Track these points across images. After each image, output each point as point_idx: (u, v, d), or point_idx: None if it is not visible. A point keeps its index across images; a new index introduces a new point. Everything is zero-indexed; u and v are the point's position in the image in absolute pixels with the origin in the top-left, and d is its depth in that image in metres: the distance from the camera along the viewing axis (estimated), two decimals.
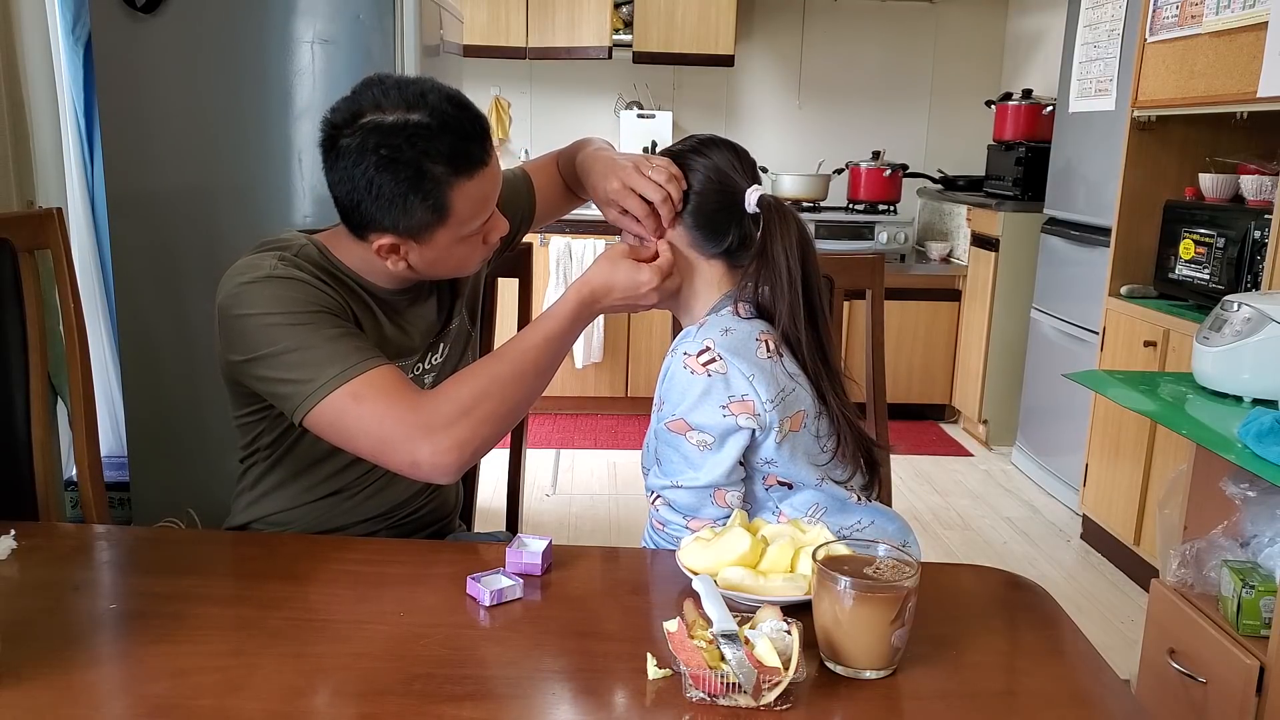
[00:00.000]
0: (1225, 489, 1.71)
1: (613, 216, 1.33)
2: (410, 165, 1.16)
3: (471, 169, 1.20)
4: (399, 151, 1.16)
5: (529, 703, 0.89)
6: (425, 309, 1.38)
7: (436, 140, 1.17)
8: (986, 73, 4.85)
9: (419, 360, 1.37)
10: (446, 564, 1.16)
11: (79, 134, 2.74)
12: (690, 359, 1.21)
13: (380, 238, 1.22)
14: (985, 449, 4.17)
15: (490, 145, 1.23)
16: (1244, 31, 2.37)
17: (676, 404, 1.22)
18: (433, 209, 1.19)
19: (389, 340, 1.31)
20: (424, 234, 1.22)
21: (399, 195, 1.18)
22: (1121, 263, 3.02)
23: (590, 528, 3.24)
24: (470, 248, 1.28)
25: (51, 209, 1.54)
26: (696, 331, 1.24)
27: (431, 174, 1.17)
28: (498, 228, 1.29)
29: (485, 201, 1.24)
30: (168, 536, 1.25)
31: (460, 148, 1.19)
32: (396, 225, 1.20)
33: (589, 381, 4.37)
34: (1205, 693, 1.70)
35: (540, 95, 4.83)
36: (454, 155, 1.18)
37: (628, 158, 1.35)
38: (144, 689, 0.90)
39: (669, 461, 1.25)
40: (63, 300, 1.52)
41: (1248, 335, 1.76)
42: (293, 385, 1.16)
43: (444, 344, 1.40)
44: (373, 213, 1.20)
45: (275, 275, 1.20)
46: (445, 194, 1.19)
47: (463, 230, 1.23)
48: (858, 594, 0.91)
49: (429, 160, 1.17)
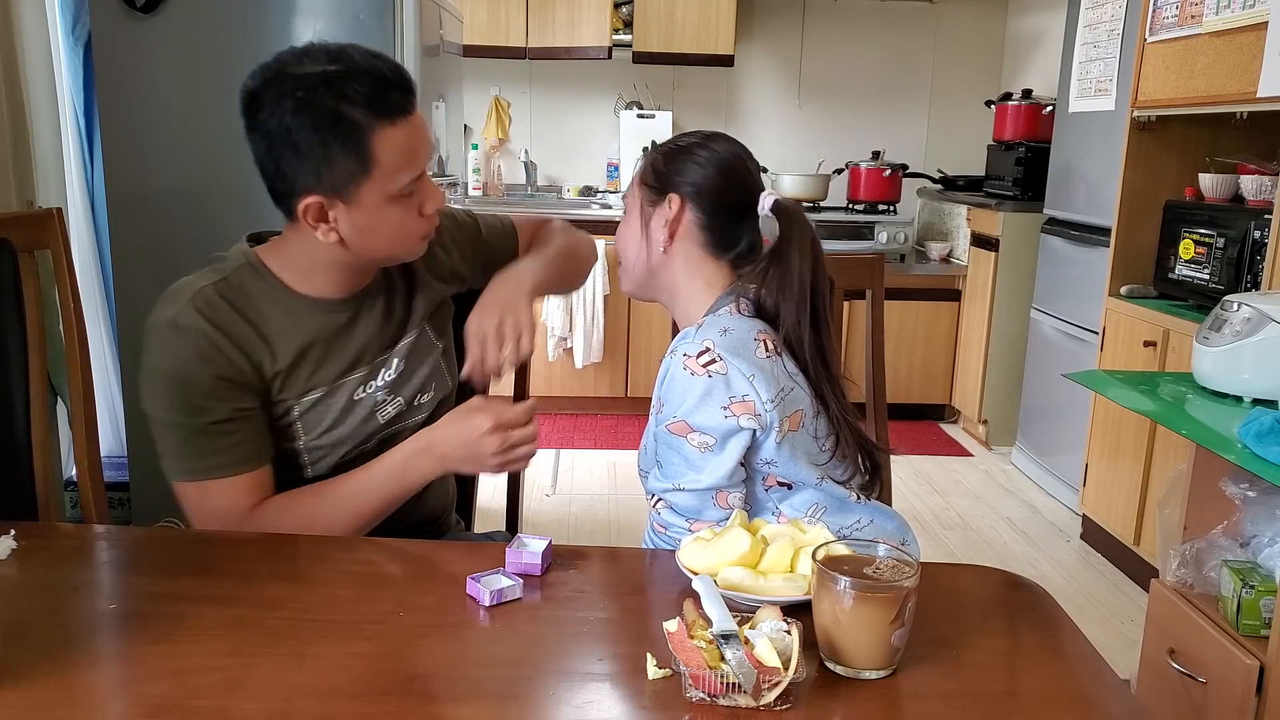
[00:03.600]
0: (1225, 489, 1.71)
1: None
2: (328, 111, 1.14)
3: (393, 115, 1.17)
4: (315, 95, 1.14)
5: (529, 703, 0.89)
6: (369, 320, 1.32)
7: (354, 84, 1.15)
8: (986, 73, 4.85)
9: (366, 377, 1.32)
10: (446, 564, 1.16)
11: (79, 134, 2.74)
12: (690, 360, 1.20)
13: (305, 199, 1.18)
14: (985, 449, 4.17)
15: (414, 100, 1.20)
16: (1244, 31, 2.37)
17: (677, 406, 1.21)
18: (355, 157, 1.16)
19: (326, 358, 1.29)
20: (349, 189, 1.18)
21: (318, 143, 1.15)
22: (1121, 263, 3.02)
23: (590, 528, 3.24)
24: (404, 213, 1.22)
25: (51, 209, 1.54)
26: (695, 333, 1.23)
27: (350, 118, 1.14)
28: (433, 197, 1.25)
29: (412, 154, 1.20)
30: (168, 536, 1.25)
31: (380, 91, 1.16)
32: (320, 179, 1.17)
33: (589, 381, 4.37)
34: (1205, 693, 1.70)
35: (540, 95, 4.83)
36: (373, 99, 1.15)
37: (501, 304, 1.34)
38: (143, 689, 0.90)
39: (670, 464, 1.24)
40: (63, 300, 1.52)
41: (1248, 335, 1.76)
42: (161, 451, 1.26)
43: (397, 359, 1.34)
44: (294, 170, 1.17)
45: (178, 325, 1.21)
46: (367, 140, 1.15)
47: (390, 186, 1.19)
48: (858, 594, 0.91)
49: (347, 104, 1.14)
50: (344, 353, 1.31)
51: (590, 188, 4.84)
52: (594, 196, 4.75)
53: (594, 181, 4.88)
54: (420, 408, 1.38)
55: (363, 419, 1.32)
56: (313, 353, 1.28)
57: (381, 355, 1.34)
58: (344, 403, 1.31)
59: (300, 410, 1.29)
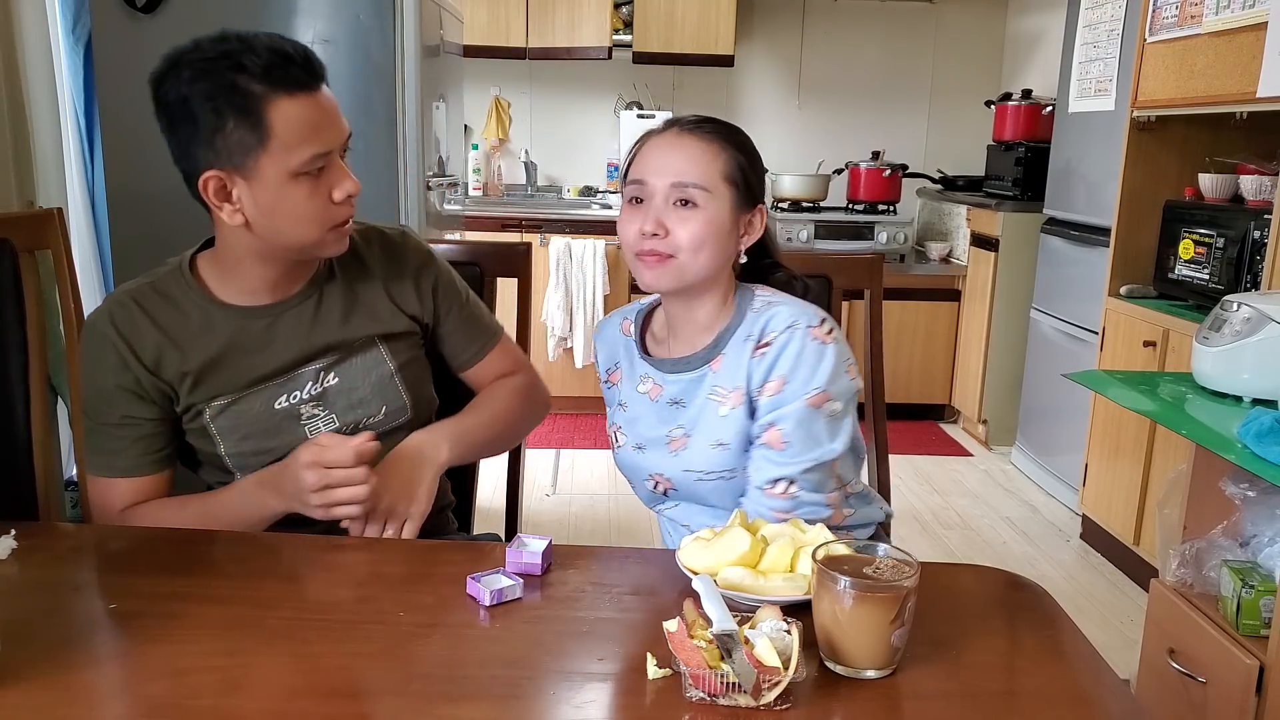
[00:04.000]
0: (1225, 489, 1.71)
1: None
2: (224, 81, 1.15)
3: (291, 86, 1.16)
4: (213, 66, 1.15)
5: (529, 703, 0.89)
6: (292, 328, 1.30)
7: (251, 56, 1.15)
8: (986, 73, 4.85)
9: (287, 387, 1.30)
10: (446, 564, 1.16)
11: (79, 134, 2.74)
12: (815, 330, 1.23)
13: (205, 174, 1.18)
14: (985, 449, 4.17)
15: (319, 79, 1.20)
16: (1244, 31, 2.37)
17: (810, 379, 1.22)
18: (249, 127, 1.15)
19: (238, 364, 1.28)
20: (246, 162, 1.17)
21: (212, 111, 1.15)
22: (1121, 263, 3.02)
23: (590, 528, 3.24)
24: (309, 195, 1.20)
25: (51, 209, 1.54)
26: (791, 308, 1.25)
27: (244, 88, 1.15)
28: (343, 183, 1.22)
29: (314, 129, 1.18)
30: (168, 536, 1.25)
31: (277, 63, 1.16)
32: (217, 152, 1.17)
33: (589, 381, 4.36)
34: (1205, 693, 1.70)
35: (540, 95, 4.83)
36: (270, 69, 1.15)
37: (400, 484, 1.26)
38: (143, 689, 0.90)
39: (799, 442, 1.23)
40: (63, 300, 1.53)
41: (1247, 335, 1.76)
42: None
43: (326, 372, 1.32)
44: (194, 146, 1.17)
45: (91, 329, 1.27)
46: (261, 109, 1.15)
47: (290, 160, 1.17)
48: (858, 594, 0.91)
49: (244, 76, 1.15)
50: (258, 359, 1.29)
51: (590, 188, 4.84)
52: (594, 196, 4.75)
53: (594, 181, 4.88)
54: (368, 430, 1.32)
55: (285, 430, 1.30)
56: (226, 359, 1.28)
57: (305, 366, 1.31)
58: (262, 411, 1.30)
59: (211, 414, 1.29)
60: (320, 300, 1.33)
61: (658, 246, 1.23)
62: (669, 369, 1.32)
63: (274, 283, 1.29)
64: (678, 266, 1.24)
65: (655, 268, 1.24)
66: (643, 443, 1.33)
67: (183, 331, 1.28)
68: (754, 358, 1.25)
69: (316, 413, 1.32)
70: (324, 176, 1.21)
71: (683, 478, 1.29)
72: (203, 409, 1.29)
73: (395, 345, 1.36)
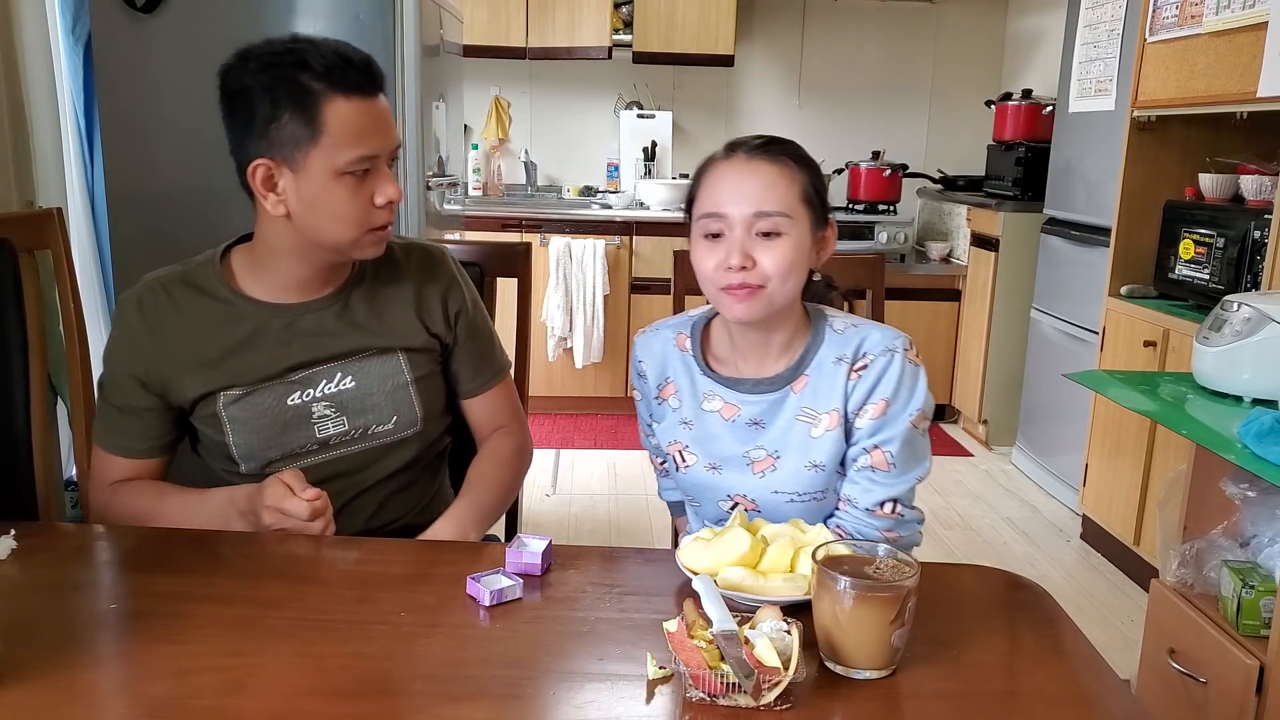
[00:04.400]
0: (1225, 489, 1.71)
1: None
2: (286, 76, 1.19)
3: (349, 89, 1.20)
4: (277, 60, 1.20)
5: (529, 703, 0.89)
6: (313, 328, 1.32)
7: (315, 56, 1.19)
8: (986, 73, 4.85)
9: (301, 384, 1.32)
10: (446, 564, 1.16)
11: (79, 134, 2.73)
12: (910, 353, 1.26)
13: (256, 163, 1.22)
14: (985, 449, 4.17)
15: (376, 86, 1.24)
16: (1244, 31, 2.37)
17: (910, 399, 1.25)
18: (304, 121, 1.19)
19: (255, 358, 1.30)
20: (296, 155, 1.20)
21: (270, 102, 1.19)
22: (1121, 263, 3.02)
23: (590, 528, 3.24)
24: (352, 195, 1.23)
25: (51, 209, 1.55)
26: (881, 331, 1.28)
27: (304, 84, 1.19)
28: (386, 189, 1.25)
29: (364, 133, 1.22)
30: (168, 536, 1.25)
31: (340, 64, 1.20)
32: (270, 142, 1.21)
33: (589, 381, 4.37)
34: (1205, 693, 1.70)
35: (540, 95, 4.83)
36: (331, 69, 1.19)
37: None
38: (144, 689, 0.90)
39: (903, 462, 1.26)
40: (63, 300, 1.53)
41: (1248, 335, 1.76)
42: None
43: (345, 374, 1.34)
44: (249, 134, 1.22)
45: (119, 313, 1.33)
46: (317, 106, 1.19)
47: (338, 158, 1.21)
48: (858, 594, 0.91)
49: (303, 72, 1.19)
50: (276, 355, 1.31)
51: (590, 188, 4.84)
52: (594, 196, 4.75)
53: (594, 181, 4.88)
54: (375, 436, 1.36)
55: (295, 427, 1.32)
56: (244, 351, 1.31)
57: (319, 365, 1.33)
58: (274, 405, 1.32)
59: (224, 403, 1.31)
60: (347, 305, 1.35)
61: (748, 279, 1.20)
62: (747, 390, 1.30)
63: (304, 282, 1.32)
64: (767, 297, 1.22)
65: (745, 300, 1.21)
66: (718, 463, 1.30)
67: (206, 320, 1.31)
68: (851, 380, 1.25)
69: (328, 413, 1.33)
70: (368, 180, 1.24)
71: (771, 499, 1.27)
72: (217, 396, 1.31)
73: (415, 358, 1.38)
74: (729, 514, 1.30)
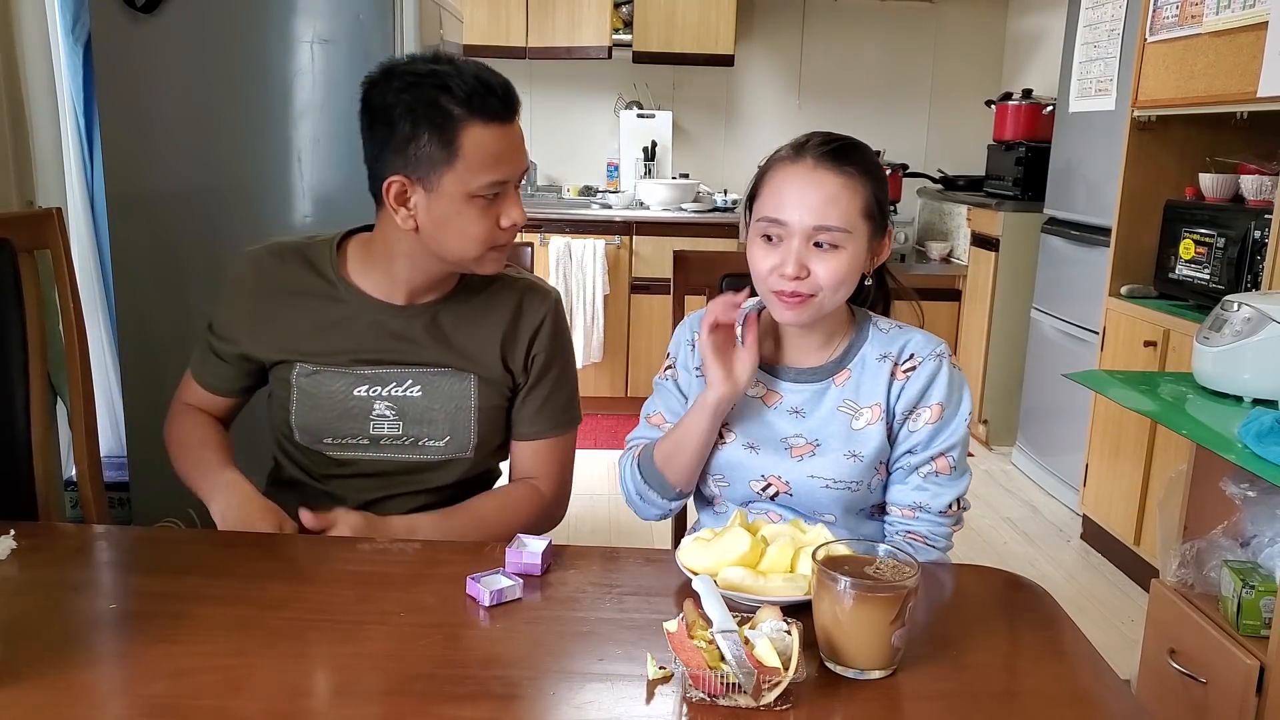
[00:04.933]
0: (1225, 489, 1.71)
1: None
2: (427, 98, 1.22)
3: (488, 115, 1.23)
4: (421, 82, 1.22)
5: (529, 703, 0.89)
6: (400, 330, 1.36)
7: (457, 80, 1.22)
8: (986, 73, 4.85)
9: (369, 380, 1.35)
10: (446, 564, 1.16)
11: (79, 134, 2.74)
12: (952, 357, 1.30)
13: (391, 178, 1.25)
14: (985, 449, 4.17)
15: (514, 114, 1.27)
16: (1244, 31, 2.37)
17: (960, 403, 1.29)
18: (442, 144, 1.22)
19: (335, 340, 1.35)
20: (431, 174, 1.23)
21: (411, 123, 1.22)
22: (1122, 263, 3.02)
23: (590, 528, 3.24)
24: (480, 216, 1.26)
25: (51, 209, 1.54)
26: (923, 334, 1.31)
27: (445, 107, 1.22)
28: (512, 212, 1.29)
29: (498, 159, 1.24)
30: (168, 536, 1.25)
31: (480, 91, 1.23)
32: (406, 161, 1.23)
33: (589, 382, 4.36)
34: (1205, 693, 1.70)
35: (540, 95, 4.83)
36: (472, 95, 1.22)
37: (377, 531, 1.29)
38: (144, 689, 0.90)
39: (960, 463, 1.30)
40: (63, 300, 1.52)
41: (1248, 335, 1.76)
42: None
43: (414, 382, 1.36)
44: (387, 151, 1.24)
45: (236, 266, 1.40)
46: (456, 129, 1.22)
47: (471, 181, 1.23)
48: (858, 594, 0.91)
49: (446, 96, 1.22)
50: (355, 344, 1.35)
51: (590, 188, 4.83)
52: (594, 196, 4.75)
53: (594, 181, 4.88)
54: (425, 449, 1.38)
55: (352, 417, 1.36)
56: (329, 332, 1.35)
57: (393, 367, 1.36)
58: (340, 390, 1.36)
59: (298, 375, 1.36)
60: (436, 318, 1.37)
61: (800, 289, 1.22)
62: (790, 378, 1.33)
63: (410, 287, 1.35)
64: (817, 305, 1.24)
65: (796, 308, 1.24)
66: (756, 444, 1.32)
67: (307, 294, 1.36)
68: (898, 378, 1.29)
69: (387, 414, 1.36)
70: (497, 202, 1.27)
71: (807, 484, 1.29)
72: (293, 365, 1.36)
73: (486, 387, 1.39)
74: (759, 495, 1.32)
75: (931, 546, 1.28)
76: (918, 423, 1.28)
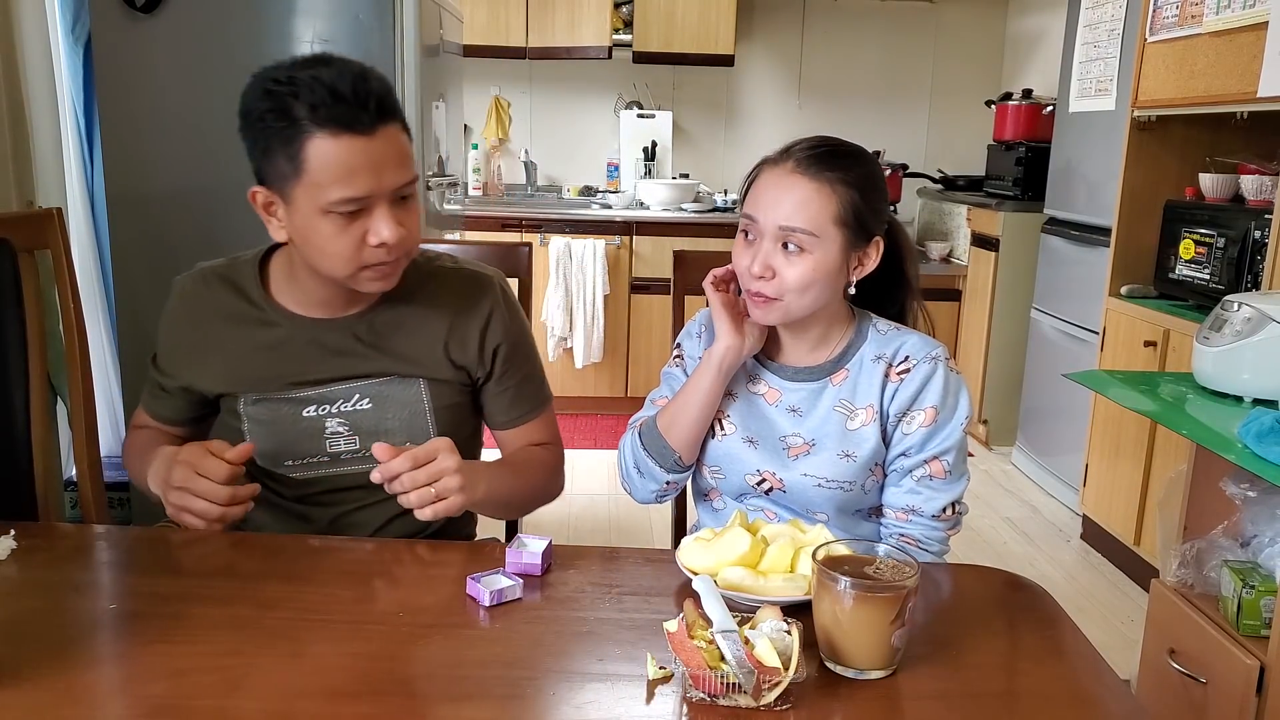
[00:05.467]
0: (1225, 489, 1.71)
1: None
2: (279, 104, 1.14)
3: (337, 127, 1.13)
4: (274, 91, 1.15)
5: (529, 703, 0.89)
6: (339, 343, 1.31)
7: (311, 88, 1.13)
8: (986, 73, 4.85)
9: (321, 400, 1.31)
10: (446, 564, 1.16)
11: (79, 134, 2.74)
12: (950, 361, 1.30)
13: (254, 189, 1.21)
14: (985, 449, 4.17)
15: (373, 123, 1.15)
16: (1244, 31, 2.37)
17: (955, 407, 1.29)
18: (288, 156, 1.15)
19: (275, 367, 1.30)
20: (284, 188, 1.17)
21: (262, 131, 1.16)
22: (1122, 263, 3.02)
23: (590, 528, 3.24)
24: (338, 233, 1.17)
25: (51, 209, 1.54)
26: (919, 337, 1.31)
27: (291, 116, 1.13)
28: (381, 230, 1.17)
29: (350, 173, 1.14)
30: (167, 537, 1.25)
31: (332, 100, 1.13)
32: (263, 171, 1.19)
33: (589, 381, 4.36)
34: (1205, 693, 1.70)
35: (540, 95, 4.83)
36: (320, 105, 1.13)
37: (459, 470, 1.19)
38: (143, 689, 0.90)
39: (956, 467, 1.30)
40: (63, 300, 1.52)
41: (1248, 335, 1.76)
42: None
43: (368, 399, 1.32)
44: (252, 159, 1.20)
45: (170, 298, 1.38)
46: (301, 142, 1.13)
47: (320, 198, 1.15)
48: (858, 594, 0.91)
49: (295, 101, 1.13)
50: (296, 368, 1.31)
51: (590, 187, 4.83)
52: (594, 196, 4.75)
53: (594, 181, 4.88)
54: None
55: (307, 438, 1.33)
56: (266, 358, 1.31)
57: (337, 384, 1.32)
58: (289, 415, 1.33)
59: (243, 405, 1.33)
60: (372, 326, 1.32)
61: (764, 289, 1.24)
62: (789, 376, 1.34)
63: (330, 299, 1.30)
64: (783, 308, 1.25)
65: (761, 307, 1.26)
66: (755, 439, 1.33)
67: (236, 321, 1.32)
68: (892, 380, 1.29)
69: (340, 430, 1.33)
70: (361, 218, 1.17)
71: (801, 482, 1.30)
72: (238, 397, 1.33)
73: (438, 388, 1.35)
74: (753, 489, 1.33)
75: (924, 550, 1.28)
76: (911, 425, 1.28)
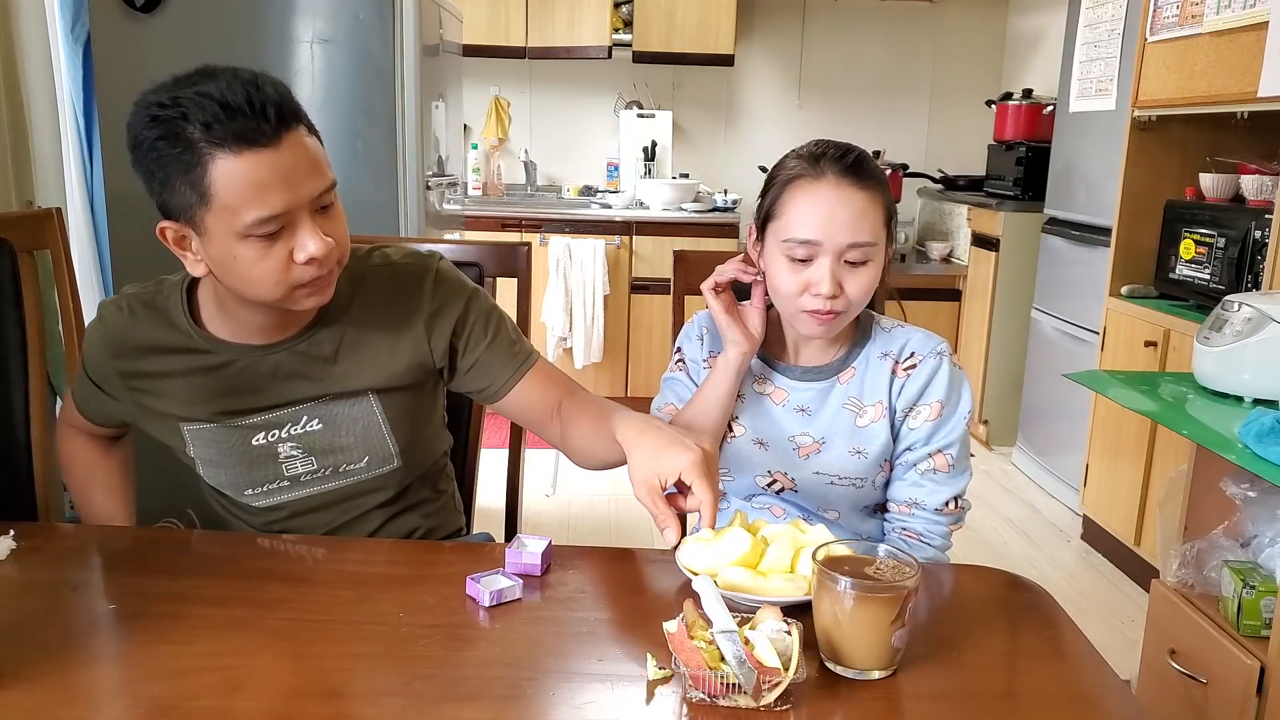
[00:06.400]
0: (1225, 489, 1.71)
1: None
2: (169, 129, 1.03)
3: (239, 145, 1.03)
4: (161, 116, 1.04)
5: (529, 703, 0.89)
6: (279, 368, 1.23)
7: (200, 106, 1.02)
8: (986, 73, 4.85)
9: (268, 426, 1.25)
10: (446, 564, 1.16)
11: (79, 134, 2.74)
12: (953, 356, 1.32)
13: (163, 225, 1.10)
14: (986, 449, 4.17)
15: (281, 134, 1.05)
16: (1244, 31, 2.37)
17: (960, 400, 1.30)
18: (191, 184, 1.04)
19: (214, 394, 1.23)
20: (193, 218, 1.07)
21: (158, 162, 1.05)
22: (1122, 263, 3.02)
23: (590, 528, 3.24)
24: (261, 256, 1.08)
25: (51, 209, 1.54)
26: (922, 333, 1.32)
27: (187, 139, 1.03)
28: (307, 245, 1.08)
29: (261, 190, 1.04)
30: (167, 536, 1.25)
31: (226, 116, 1.02)
32: (167, 204, 1.08)
33: (589, 382, 4.36)
34: (1206, 693, 1.70)
35: (540, 95, 4.83)
36: (213, 122, 1.02)
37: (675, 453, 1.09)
38: (143, 689, 0.90)
39: (960, 461, 1.31)
40: (62, 300, 1.53)
41: (1248, 335, 1.76)
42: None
43: (317, 419, 1.26)
44: (152, 194, 1.09)
45: (93, 321, 1.30)
46: (202, 167, 1.03)
47: (234, 223, 1.05)
48: (858, 594, 0.91)
49: (186, 123, 1.03)
50: (237, 398, 1.23)
51: (590, 187, 4.83)
52: (594, 196, 4.75)
53: (594, 181, 4.88)
54: (348, 474, 1.29)
55: (262, 465, 1.27)
56: (204, 390, 1.23)
57: (282, 409, 1.25)
58: (238, 444, 1.26)
59: (189, 439, 1.27)
60: (311, 347, 1.23)
61: (835, 306, 1.22)
62: (797, 377, 1.35)
63: (264, 326, 1.21)
64: (845, 318, 1.27)
65: (827, 323, 1.24)
66: (766, 440, 1.34)
67: (165, 351, 1.24)
68: (898, 376, 1.30)
69: (295, 453, 1.27)
70: (283, 236, 1.08)
71: (812, 480, 1.32)
72: (182, 425, 1.26)
73: (390, 398, 1.27)
74: (763, 490, 1.35)
75: (926, 544, 1.29)
76: (917, 420, 1.29)
